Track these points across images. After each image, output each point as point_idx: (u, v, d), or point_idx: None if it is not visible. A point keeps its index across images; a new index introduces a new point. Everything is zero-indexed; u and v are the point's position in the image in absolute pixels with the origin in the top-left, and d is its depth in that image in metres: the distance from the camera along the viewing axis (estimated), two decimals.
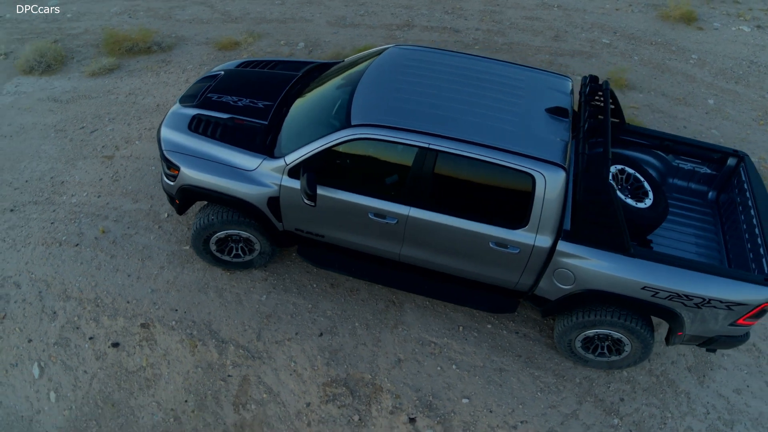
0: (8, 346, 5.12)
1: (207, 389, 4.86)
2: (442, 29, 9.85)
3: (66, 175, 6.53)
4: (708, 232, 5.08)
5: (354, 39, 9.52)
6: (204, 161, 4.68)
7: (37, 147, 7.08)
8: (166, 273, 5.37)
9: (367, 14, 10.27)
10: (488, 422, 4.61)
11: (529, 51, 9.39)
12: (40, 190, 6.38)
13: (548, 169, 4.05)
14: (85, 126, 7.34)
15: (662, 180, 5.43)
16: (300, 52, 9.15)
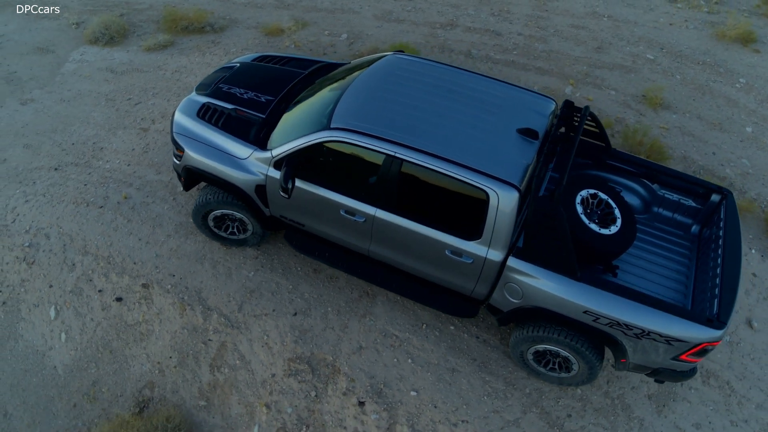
0: (33, 288, 5.90)
1: (189, 349, 5.43)
2: (484, 31, 9.95)
3: (106, 142, 7.27)
4: (681, 265, 5.12)
5: (395, 35, 9.80)
6: (205, 146, 5.19)
7: (88, 113, 7.88)
8: (171, 241, 5.97)
9: (414, 10, 10.50)
10: (431, 416, 4.93)
11: (566, 61, 9.35)
12: (82, 154, 7.15)
13: (502, 187, 4.26)
14: (132, 98, 8.08)
15: (646, 208, 5.47)
16: (341, 44, 9.54)
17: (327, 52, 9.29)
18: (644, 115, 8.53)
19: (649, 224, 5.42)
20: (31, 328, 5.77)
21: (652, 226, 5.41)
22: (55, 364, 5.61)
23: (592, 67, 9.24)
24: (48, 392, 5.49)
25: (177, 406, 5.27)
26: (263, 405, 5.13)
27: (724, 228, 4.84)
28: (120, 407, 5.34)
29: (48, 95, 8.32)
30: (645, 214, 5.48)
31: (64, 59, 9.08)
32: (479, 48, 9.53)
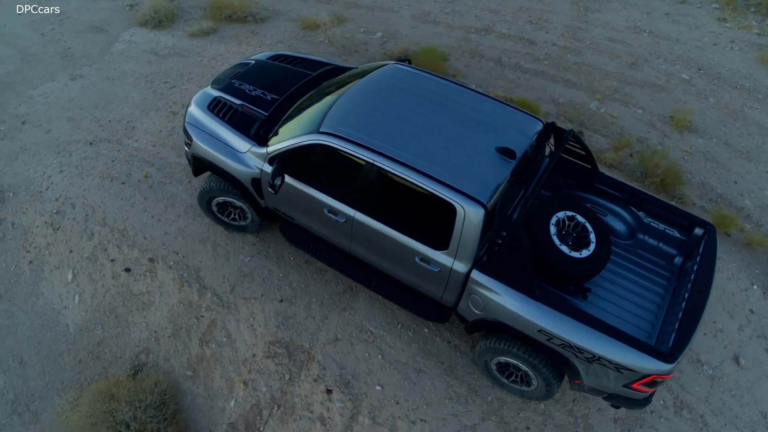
0: (56, 251, 6.51)
1: (183, 322, 5.89)
2: (518, 39, 9.97)
3: (138, 121, 7.82)
4: (656, 295, 5.16)
5: (429, 36, 9.96)
6: (211, 138, 5.59)
7: (127, 92, 8.47)
8: (179, 221, 6.44)
9: (452, 13, 10.61)
10: (392, 412, 5.20)
11: (597, 75, 9.28)
12: (116, 131, 7.73)
13: (469, 203, 4.45)
14: (168, 81, 8.62)
15: (632, 235, 5.50)
16: (375, 42, 9.79)
17: (359, 50, 9.56)
18: (668, 136, 8.41)
19: (632, 251, 5.46)
20: (51, 288, 6.37)
21: (635, 253, 5.44)
22: (67, 322, 6.20)
23: (622, 84, 9.14)
24: (59, 347, 6.08)
25: (167, 373, 5.74)
26: (242, 381, 5.53)
27: (699, 263, 4.86)
28: (118, 368, 5.86)
29: (95, 72, 8.97)
30: (629, 240, 5.52)
31: (115, 39, 9.73)
32: (510, 56, 9.58)
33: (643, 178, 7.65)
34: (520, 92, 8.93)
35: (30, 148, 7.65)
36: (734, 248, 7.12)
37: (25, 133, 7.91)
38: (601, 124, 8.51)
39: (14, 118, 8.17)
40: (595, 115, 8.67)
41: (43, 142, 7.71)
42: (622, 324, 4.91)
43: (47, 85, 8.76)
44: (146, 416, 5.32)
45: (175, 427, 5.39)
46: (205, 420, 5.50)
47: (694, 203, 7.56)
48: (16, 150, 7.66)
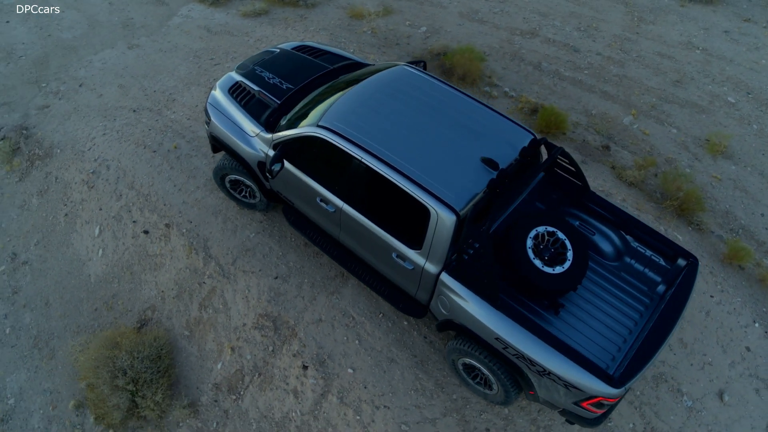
0: (87, 208, 7.15)
1: (187, 286, 6.39)
2: (562, 45, 9.87)
3: (179, 95, 8.37)
4: (630, 319, 5.18)
5: (473, 35, 10.01)
6: (226, 120, 6.00)
7: (176, 66, 9.04)
8: (198, 193, 6.93)
9: (501, 13, 10.59)
10: (359, 395, 5.51)
11: (637, 89, 9.10)
12: (158, 101, 8.31)
13: (443, 209, 4.64)
14: (214, 58, 9.12)
15: (618, 257, 5.52)
16: (418, 36, 9.94)
17: (401, 43, 9.75)
18: (700, 160, 8.21)
19: (616, 273, 5.47)
20: (80, 240, 7.02)
21: (618, 275, 5.46)
22: (90, 273, 6.83)
23: (662, 101, 8.93)
24: (80, 294, 6.72)
25: (167, 331, 6.26)
26: (230, 347, 5.98)
27: (673, 294, 4.86)
28: (126, 320, 6.44)
29: (151, 43, 9.60)
30: (616, 262, 5.53)
31: (174, 13, 10.33)
32: (551, 61, 9.52)
33: (662, 199, 7.54)
34: (554, 99, 8.89)
35: (82, 110, 8.35)
36: (745, 282, 6.95)
37: (80, 95, 8.62)
38: (630, 140, 8.38)
39: (73, 80, 8.90)
40: (627, 130, 8.53)
41: (94, 105, 8.39)
42: (588, 343, 4.99)
43: (107, 52, 9.45)
44: (142, 366, 5.85)
45: (166, 380, 5.90)
46: (194, 377, 5.99)
47: (712, 231, 7.39)
48: (70, 110, 8.37)
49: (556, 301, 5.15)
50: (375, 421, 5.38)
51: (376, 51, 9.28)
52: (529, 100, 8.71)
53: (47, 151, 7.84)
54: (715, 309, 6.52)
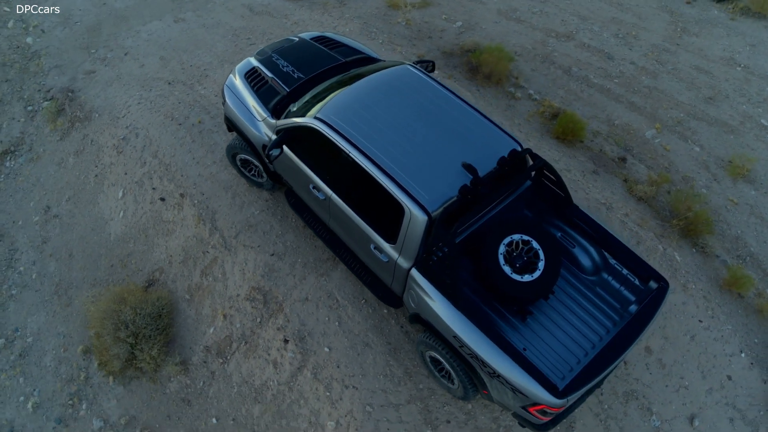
0: (115, 171, 7.72)
1: (192, 254, 6.87)
2: (597, 51, 9.75)
3: (212, 71, 8.82)
4: (596, 334, 5.29)
5: (507, 34, 10.02)
6: (239, 102, 6.37)
7: (215, 42, 9.49)
8: (213, 167, 7.37)
9: (539, 13, 10.52)
10: (331, 373, 5.86)
11: (666, 103, 8.94)
12: (192, 76, 8.79)
13: (416, 208, 4.86)
14: (251, 38, 9.52)
15: (596, 272, 5.59)
16: (451, 31, 10.03)
17: (433, 36, 9.87)
18: (718, 181, 8.06)
19: (591, 288, 5.56)
20: (105, 200, 7.62)
21: (593, 290, 5.54)
22: (110, 231, 7.42)
23: (690, 117, 8.77)
24: (99, 250, 7.32)
25: (170, 293, 6.78)
26: (223, 314, 6.43)
27: (636, 315, 4.94)
28: (137, 279, 6.99)
29: (196, 18, 10.08)
30: (593, 277, 5.61)
31: None
32: (582, 67, 9.45)
33: (670, 218, 7.48)
34: (578, 106, 8.87)
35: (123, 78, 8.93)
36: (741, 311, 6.87)
37: (125, 64, 9.20)
38: (649, 155, 8.30)
39: (120, 49, 9.50)
40: (647, 144, 8.44)
41: (135, 75, 8.95)
42: (549, 352, 5.14)
43: (154, 23, 10.00)
44: (143, 322, 6.38)
45: (163, 338, 6.42)
46: (189, 338, 6.48)
47: (717, 256, 7.31)
48: (113, 77, 8.97)
49: (523, 308, 5.30)
50: (342, 399, 5.73)
51: (407, 43, 9.44)
52: (552, 104, 8.71)
53: (87, 115, 8.46)
54: (701, 334, 6.49)
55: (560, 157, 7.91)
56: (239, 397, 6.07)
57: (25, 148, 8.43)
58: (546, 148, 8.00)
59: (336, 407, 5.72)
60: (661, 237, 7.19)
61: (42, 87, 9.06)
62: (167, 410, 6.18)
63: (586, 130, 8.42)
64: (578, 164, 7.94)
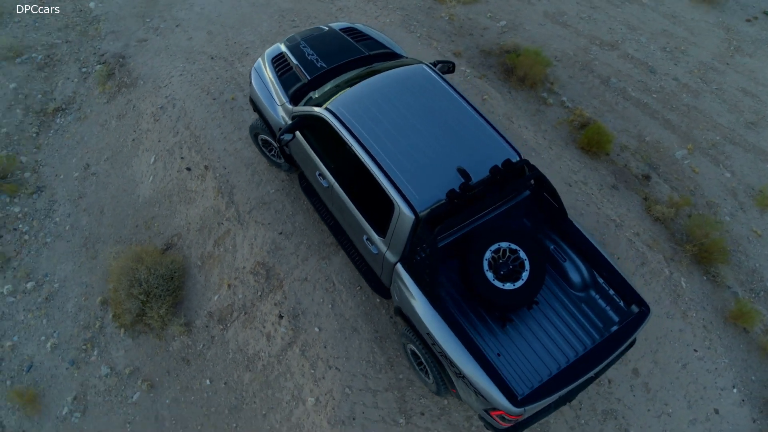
0: (150, 138, 8.21)
1: (208, 223, 7.28)
2: (639, 63, 9.54)
3: (253, 50, 9.15)
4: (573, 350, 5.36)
5: (550, 38, 9.92)
6: (263, 86, 6.66)
7: (261, 21, 9.81)
8: (238, 144, 7.73)
9: (587, 19, 10.34)
10: (318, 352, 6.15)
11: (703, 124, 8.70)
12: (234, 53, 9.16)
13: (405, 206, 5.04)
14: (295, 20, 9.79)
15: (584, 288, 5.63)
16: (494, 30, 10.01)
17: (474, 34, 9.88)
18: (744, 210, 7.85)
19: (577, 303, 5.60)
20: (138, 164, 8.12)
21: (579, 306, 5.58)
22: (140, 194, 7.92)
23: (726, 140, 8.51)
24: (127, 210, 7.84)
25: (184, 258, 7.21)
26: (228, 284, 6.82)
27: (610, 337, 4.98)
28: (157, 241, 7.47)
29: None
30: (581, 293, 5.65)
31: None
32: (621, 78, 9.29)
33: (684, 241, 7.36)
34: (610, 118, 8.75)
35: (171, 49, 9.39)
36: (743, 346, 6.75)
37: (174, 35, 9.66)
38: (675, 175, 8.14)
39: (172, 20, 9.96)
40: (676, 164, 8.27)
41: (182, 47, 9.39)
42: (522, 361, 5.26)
43: None
44: (156, 282, 6.84)
45: (172, 299, 6.87)
46: (195, 302, 6.91)
47: (728, 286, 7.16)
48: (162, 47, 9.45)
49: (504, 315, 5.42)
50: (325, 378, 6.02)
51: (445, 39, 9.50)
52: (583, 113, 8.62)
53: (133, 81, 8.97)
54: (694, 363, 6.42)
55: (580, 168, 7.87)
56: (233, 364, 6.46)
57: (75, 107, 9.04)
58: (567, 157, 7.97)
59: (318, 385, 6.01)
60: (670, 260, 7.09)
61: (97, 51, 9.64)
62: (168, 366, 6.64)
63: (614, 143, 8.32)
64: (598, 177, 7.87)
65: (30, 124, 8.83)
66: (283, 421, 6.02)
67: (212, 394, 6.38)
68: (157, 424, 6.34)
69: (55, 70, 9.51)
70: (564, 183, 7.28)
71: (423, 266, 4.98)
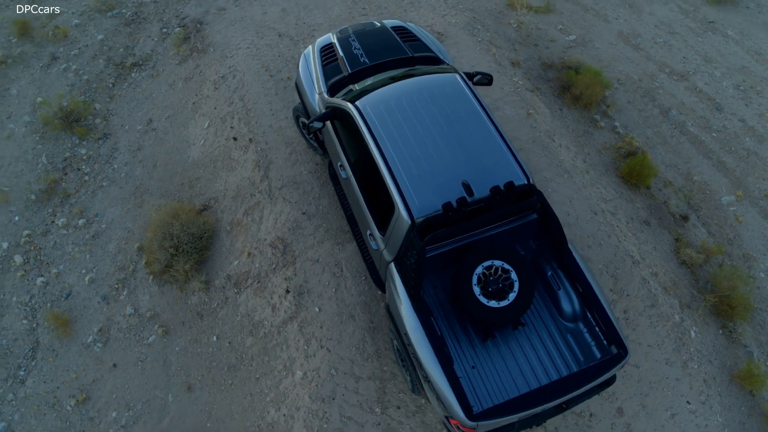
0: (208, 104, 8.78)
1: (242, 193, 7.77)
2: (707, 99, 9.15)
3: (319, 32, 9.49)
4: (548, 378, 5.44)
5: (618, 59, 9.67)
6: (307, 72, 7.00)
7: (333, 5, 10.13)
8: (283, 122, 8.14)
9: (662, 45, 9.98)
10: (314, 331, 6.52)
11: (760, 171, 8.29)
12: (301, 33, 9.55)
13: (404, 210, 5.24)
14: (365, 9, 10.05)
15: (574, 320, 5.66)
16: (561, 43, 9.87)
17: (539, 45, 9.79)
18: None
19: (563, 333, 5.65)
20: (194, 126, 8.73)
21: (564, 336, 5.63)
22: (190, 154, 8.53)
23: None
24: (176, 168, 8.47)
25: (216, 221, 7.75)
26: (248, 252, 7.30)
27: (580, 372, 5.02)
28: (196, 201, 8.05)
29: None
30: (571, 324, 5.68)
31: None
32: (683, 111, 8.97)
33: (706, 290, 7.15)
34: (660, 151, 8.51)
35: (246, 21, 9.91)
36: (744, 409, 6.55)
37: (251, 8, 10.17)
38: (716, 221, 7.85)
39: None
40: (720, 209, 7.97)
41: (256, 20, 9.89)
42: (494, 377, 5.40)
43: None
44: (186, 238, 7.42)
45: (198, 256, 7.43)
46: (217, 264, 7.45)
47: (744, 345, 6.94)
48: (238, 18, 9.98)
49: (487, 331, 5.56)
50: (315, 356, 6.39)
51: (507, 47, 9.47)
52: (633, 142, 8.43)
53: (205, 48, 9.57)
54: (684, 415, 6.31)
55: (614, 197, 7.74)
56: (239, 326, 6.95)
57: (150, 64, 9.76)
58: (603, 184, 7.85)
59: (308, 361, 6.39)
60: (685, 307, 6.92)
61: (179, 14, 10.32)
62: (183, 317, 7.23)
63: (658, 178, 8.10)
64: (631, 210, 7.72)
65: (109, 74, 9.63)
66: (272, 388, 6.46)
67: (216, 350, 6.91)
68: (164, 368, 6.96)
69: (139, 27, 10.27)
70: (590, 210, 7.21)
71: (410, 270, 5.20)
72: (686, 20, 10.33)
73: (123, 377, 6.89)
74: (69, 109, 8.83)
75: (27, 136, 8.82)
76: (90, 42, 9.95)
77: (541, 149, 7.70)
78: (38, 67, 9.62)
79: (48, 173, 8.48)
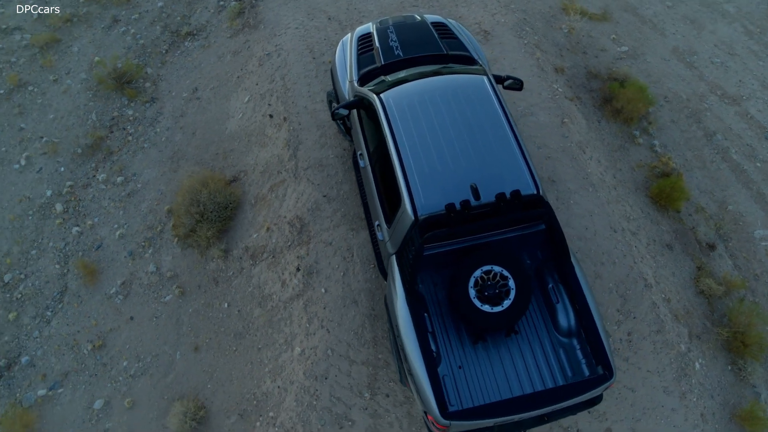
0: (250, 79, 9.05)
1: (270, 169, 8.02)
2: (757, 126, 8.80)
3: (369, 18, 9.55)
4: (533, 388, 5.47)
5: (667, 76, 9.40)
6: (342, 60, 7.14)
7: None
8: (318, 105, 8.32)
9: (718, 65, 9.61)
10: (317, 311, 6.74)
11: None
12: (350, 18, 9.66)
13: (409, 207, 5.33)
14: (403, 2, 10.06)
15: (569, 335, 5.64)
16: (611, 54, 9.65)
17: (588, 53, 9.61)
18: None
19: (556, 347, 5.65)
20: (235, 99, 9.03)
21: (556, 350, 5.64)
22: (227, 126, 8.84)
23: None
24: (213, 137, 8.80)
25: (243, 193, 8.05)
26: (268, 227, 7.56)
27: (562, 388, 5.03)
28: (227, 172, 8.37)
29: None
30: (565, 339, 5.67)
31: None
32: (728, 137, 8.67)
33: (719, 323, 6.97)
34: (697, 174, 8.28)
35: (299, 1, 10.11)
36: None
37: None
38: (745, 254, 7.61)
39: None
40: (751, 242, 7.71)
41: (309, 1, 10.07)
42: (479, 379, 5.48)
43: None
44: (212, 206, 7.74)
45: (221, 225, 7.75)
46: (239, 233, 7.75)
47: (753, 385, 6.76)
48: None
49: (479, 334, 5.62)
50: (315, 335, 6.61)
51: (554, 52, 9.32)
52: (670, 163, 8.21)
53: (256, 24, 9.84)
54: None
55: (638, 217, 7.59)
56: (250, 297, 7.24)
57: (203, 35, 10.11)
58: (630, 203, 7.70)
59: (308, 338, 6.62)
60: (695, 337, 6.76)
61: None
62: (200, 281, 7.58)
63: (690, 202, 7.88)
64: (654, 231, 7.56)
65: (163, 41, 10.04)
66: (272, 360, 6.73)
67: (226, 317, 7.22)
68: (176, 327, 7.33)
69: None
70: (609, 227, 7.10)
71: (407, 265, 5.30)
72: (749, 42, 9.89)
73: (138, 330, 7.31)
74: (122, 71, 9.28)
75: (81, 93, 9.33)
76: (150, 8, 10.38)
77: (569, 159, 7.61)
78: (100, 28, 10.12)
79: (95, 130, 8.97)
